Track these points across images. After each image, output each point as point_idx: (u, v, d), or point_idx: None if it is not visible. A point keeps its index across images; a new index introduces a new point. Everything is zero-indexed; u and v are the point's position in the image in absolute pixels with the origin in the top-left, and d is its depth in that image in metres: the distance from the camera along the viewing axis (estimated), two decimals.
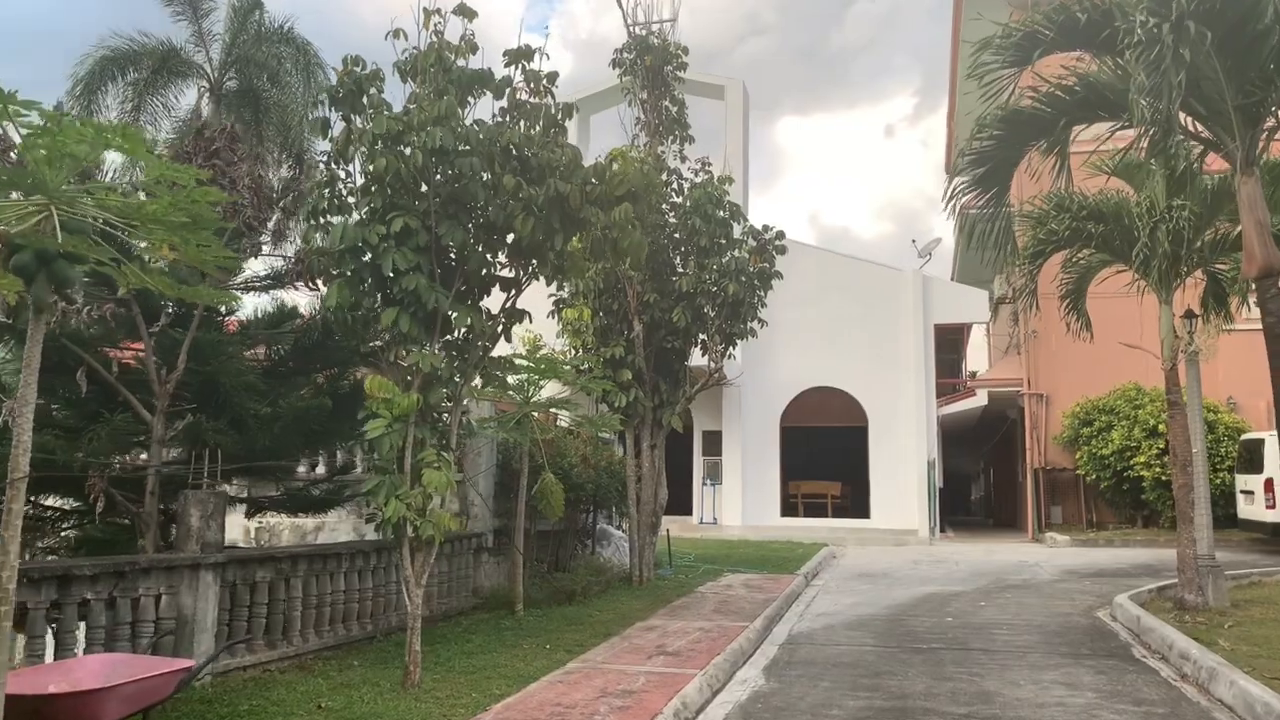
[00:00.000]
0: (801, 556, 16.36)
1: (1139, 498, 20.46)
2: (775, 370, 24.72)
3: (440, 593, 9.54)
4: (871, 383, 24.16)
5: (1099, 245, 10.82)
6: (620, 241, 6.31)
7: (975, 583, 13.39)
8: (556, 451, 10.75)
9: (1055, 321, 23.59)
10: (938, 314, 24.10)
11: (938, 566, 15.88)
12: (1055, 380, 23.14)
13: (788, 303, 25.03)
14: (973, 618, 10.25)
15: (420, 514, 6.29)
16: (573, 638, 8.30)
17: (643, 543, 12.13)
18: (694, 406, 26.14)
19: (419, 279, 6.15)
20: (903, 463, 23.51)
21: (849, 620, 10.10)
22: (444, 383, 6.40)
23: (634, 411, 12.22)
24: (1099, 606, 10.90)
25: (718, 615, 9.70)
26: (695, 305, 11.98)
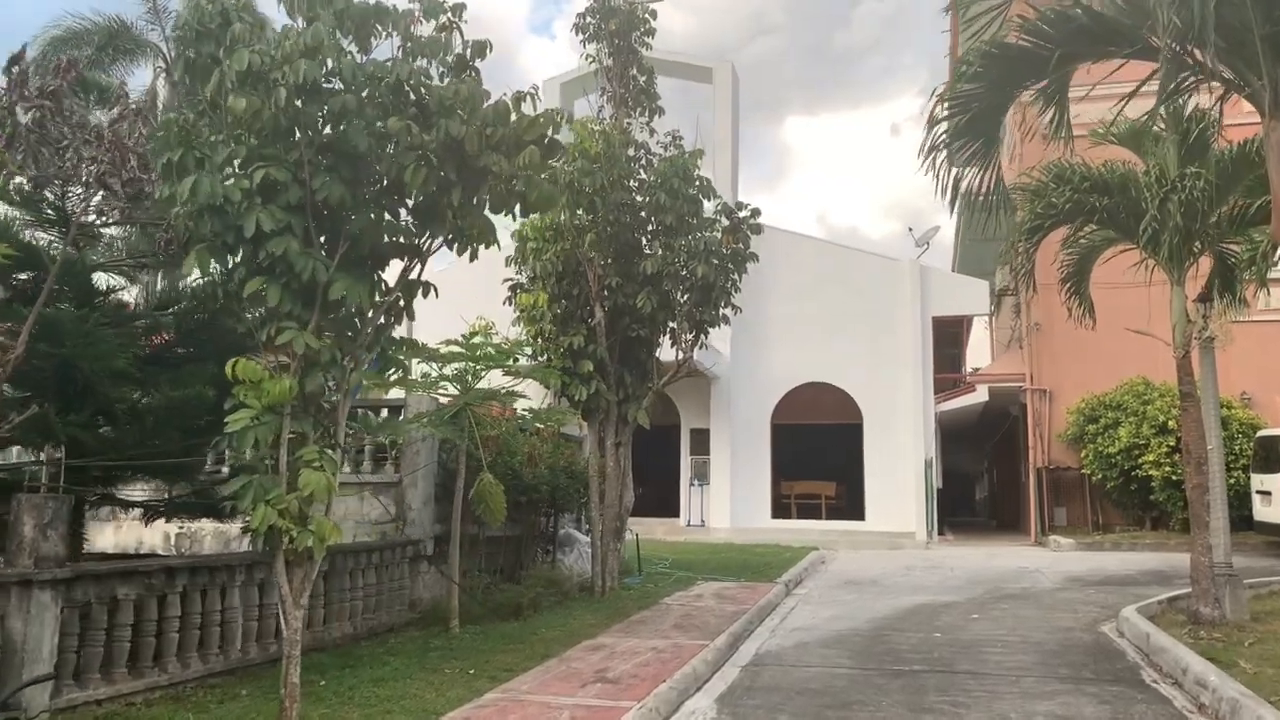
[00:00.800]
0: (787, 562, 15.39)
1: (1148, 498, 19.46)
2: (766, 365, 23.77)
3: (366, 607, 8.59)
4: (867, 378, 23.20)
5: (1103, 220, 9.85)
6: (528, 194, 5.35)
7: (970, 592, 12.41)
8: (504, 450, 9.80)
9: (1059, 314, 22.59)
10: (936, 306, 23.12)
11: (932, 573, 14.90)
12: (1059, 375, 22.14)
13: (779, 295, 24.12)
14: (963, 633, 9.28)
15: (298, 522, 5.34)
16: (505, 660, 7.35)
17: (605, 549, 11.17)
18: (681, 403, 25.23)
19: (289, 242, 5.21)
20: (899, 462, 22.54)
21: (826, 636, 9.14)
22: (325, 367, 5.44)
23: (596, 406, 11.27)
24: (1104, 620, 9.92)
25: (677, 632, 8.74)
26: (662, 289, 11.02)
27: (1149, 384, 20.11)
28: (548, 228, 11.05)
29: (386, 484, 9.65)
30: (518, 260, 11.39)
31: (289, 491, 5.37)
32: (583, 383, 10.98)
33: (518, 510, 10.67)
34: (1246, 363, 18.95)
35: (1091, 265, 11.29)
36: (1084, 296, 11.36)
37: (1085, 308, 11.37)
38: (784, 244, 24.30)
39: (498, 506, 8.21)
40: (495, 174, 5.21)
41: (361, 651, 7.79)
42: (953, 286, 23.37)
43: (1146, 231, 8.95)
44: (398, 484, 9.59)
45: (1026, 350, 22.71)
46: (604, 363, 11.20)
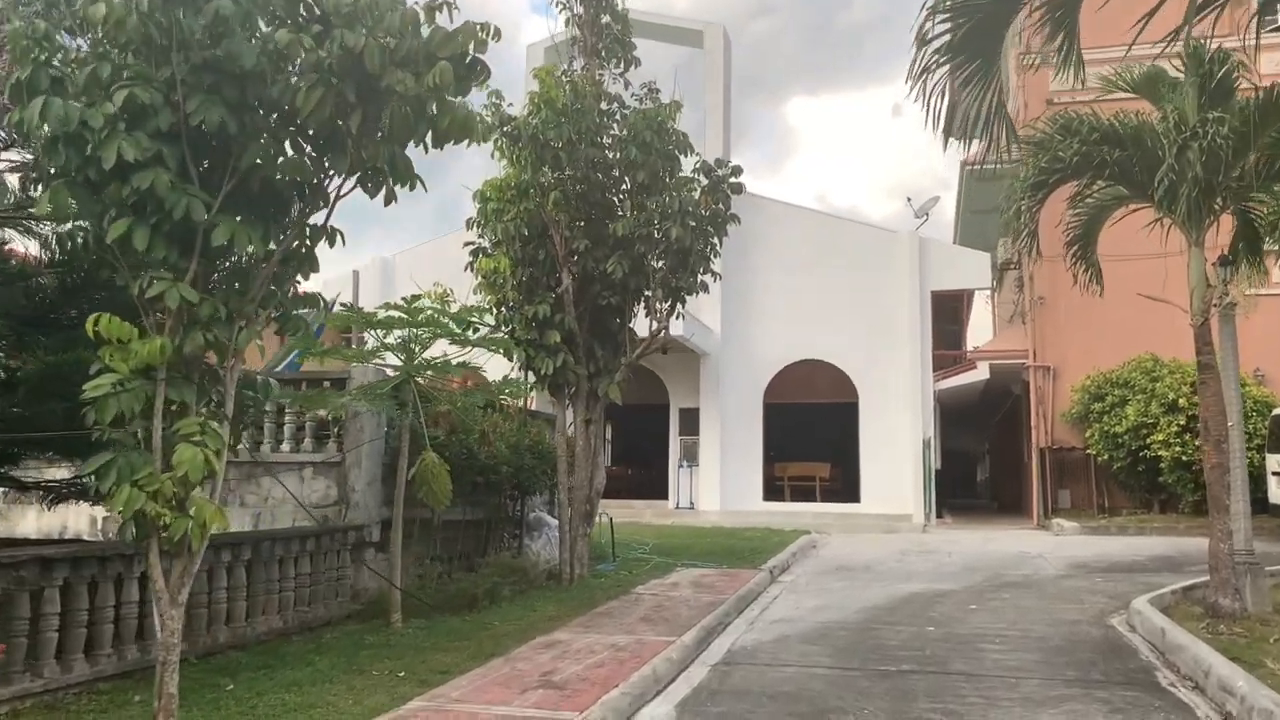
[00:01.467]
0: (775, 546, 14.67)
1: (1156, 480, 18.72)
2: (758, 342, 23.01)
3: (300, 599, 7.85)
4: (863, 355, 22.43)
5: (1114, 175, 9.03)
6: (439, 119, 4.55)
7: (968, 579, 11.68)
8: (459, 427, 9.03)
9: (1064, 287, 21.77)
10: (935, 279, 22.32)
11: (927, 558, 14.18)
12: (1064, 351, 21.37)
13: (771, 268, 23.30)
14: (959, 626, 8.55)
15: (174, 506, 4.57)
16: (443, 661, 6.60)
17: (574, 534, 10.43)
18: (670, 382, 24.47)
19: (158, 175, 4.41)
20: (896, 442, 21.81)
21: (808, 630, 8.40)
22: (207, 325, 4.66)
23: (564, 380, 10.50)
24: (1113, 611, 9.19)
25: (644, 626, 8.00)
26: (634, 254, 10.23)
27: (1158, 360, 19.34)
28: (510, 187, 10.25)
29: (328, 464, 8.89)
30: (479, 223, 10.58)
31: (165, 471, 4.59)
32: (549, 355, 10.21)
33: (476, 493, 9.93)
34: (1261, 338, 18.16)
35: (1100, 227, 10.48)
36: (1091, 262, 10.55)
37: (1093, 274, 10.56)
38: (777, 215, 23.49)
39: (442, 489, 7.45)
40: (400, 95, 4.41)
41: (288, 649, 7.05)
42: (953, 259, 22.56)
43: (1163, 184, 8.14)
44: (340, 464, 8.83)
45: (1029, 326, 21.92)
46: (572, 334, 10.42)
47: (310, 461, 8.93)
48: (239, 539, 7.20)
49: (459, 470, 9.12)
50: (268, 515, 8.93)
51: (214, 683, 6.01)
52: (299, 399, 7.92)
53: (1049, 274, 21.35)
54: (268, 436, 9.18)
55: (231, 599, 7.06)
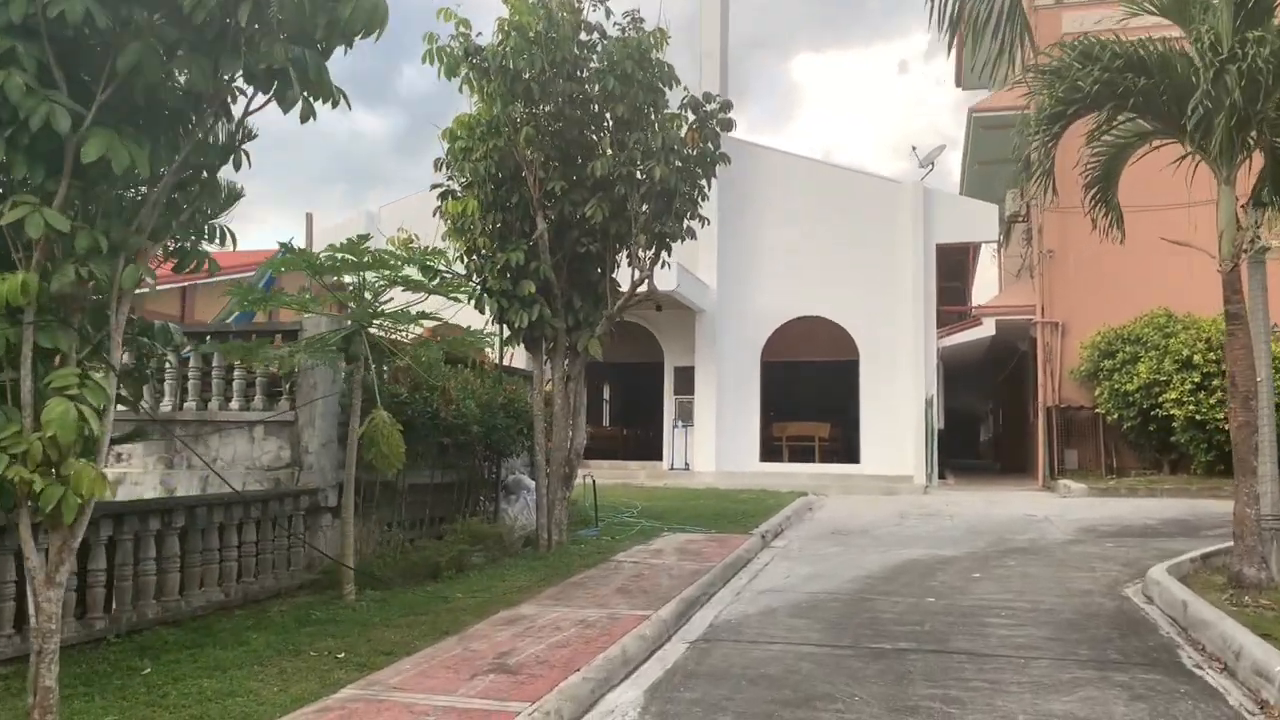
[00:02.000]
0: (769, 509, 14.10)
1: (1167, 440, 18.11)
2: (756, 297, 22.30)
3: (245, 570, 7.26)
4: (864, 312, 21.73)
5: (1138, 105, 8.26)
6: (340, 8, 3.82)
7: (971, 544, 11.10)
8: (423, 383, 8.37)
9: (1074, 240, 21.02)
10: (940, 232, 21.53)
11: (928, 521, 13.60)
12: (1073, 307, 20.67)
13: (770, 220, 22.52)
14: (962, 597, 7.95)
15: (48, 470, 3.93)
16: (391, 639, 6.01)
17: (552, 499, 9.82)
18: (664, 339, 23.80)
19: (9, 76, 3.70)
20: (898, 401, 21.18)
21: (798, 601, 7.81)
22: (81, 259, 3.98)
23: (540, 334, 9.83)
24: (1128, 580, 8.59)
25: (620, 598, 7.40)
26: (614, 196, 9.49)
27: (1171, 316, 18.65)
28: (479, 124, 9.49)
29: (281, 423, 8.25)
30: (448, 163, 9.84)
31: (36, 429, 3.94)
32: (523, 307, 9.52)
33: (446, 455, 9.31)
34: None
35: (1121, 167, 9.72)
36: (1112, 205, 9.82)
37: (1113, 218, 9.84)
38: (776, 166, 22.67)
39: (394, 450, 6.81)
40: None
41: (225, 625, 6.46)
42: (959, 211, 21.75)
43: (1195, 113, 7.38)
44: (293, 423, 8.19)
45: (1037, 280, 21.20)
46: (549, 284, 9.73)
47: (261, 420, 8.30)
48: (169, 505, 6.58)
49: (422, 431, 8.50)
50: (217, 478, 8.31)
51: (130, 665, 5.42)
52: (229, 350, 7.25)
53: (1058, 226, 20.62)
54: (216, 393, 8.54)
55: (163, 570, 6.46)
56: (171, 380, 8.64)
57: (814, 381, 23.76)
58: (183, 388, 8.64)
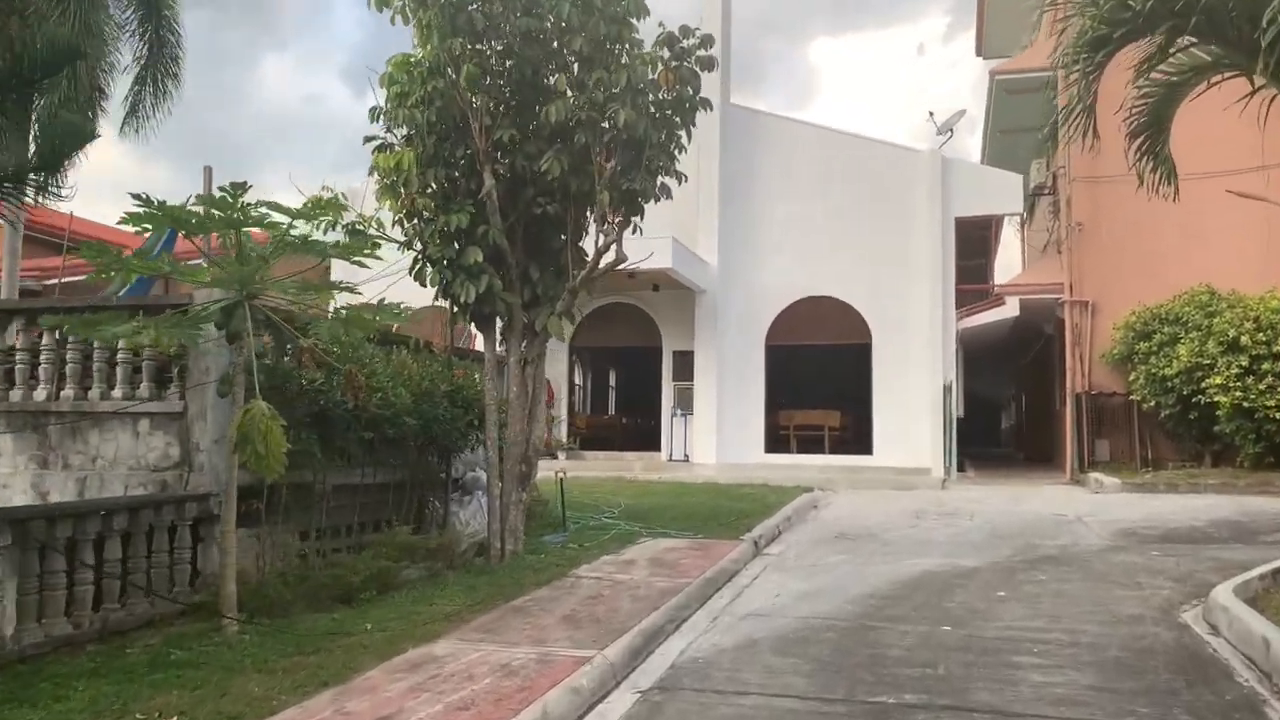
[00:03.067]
0: (769, 507, 12.81)
1: (1210, 429, 16.65)
2: (759, 276, 20.95)
3: (107, 595, 6.02)
4: (878, 291, 20.36)
5: (1200, 28, 6.87)
6: None
7: (994, 552, 9.76)
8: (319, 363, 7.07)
9: (1106, 211, 19.54)
10: (960, 205, 20.09)
11: (947, 522, 12.26)
12: (1104, 284, 19.20)
13: (775, 193, 21.13)
14: (984, 625, 6.63)
15: None
16: (253, 692, 4.75)
17: (506, 502, 8.55)
18: (662, 322, 22.46)
19: None
20: (914, 387, 19.82)
21: (786, 631, 6.51)
22: None
23: (491, 310, 8.53)
24: (1184, 601, 7.25)
25: (564, 629, 6.12)
26: (575, 147, 8.16)
27: (1214, 293, 17.19)
28: (417, 64, 8.18)
29: (169, 414, 6.99)
30: (386, 113, 8.53)
31: None
32: (470, 278, 8.23)
33: (378, 451, 8.04)
34: None
35: (1174, 111, 8.31)
36: (1162, 158, 8.41)
37: (1164, 173, 8.44)
38: (782, 134, 21.28)
39: (273, 450, 5.53)
40: None
41: (59, 670, 5.21)
42: (979, 182, 20.28)
43: (1274, 26, 5.99)
44: (182, 415, 6.93)
45: (1065, 256, 19.72)
46: (500, 252, 8.42)
47: (147, 412, 7.04)
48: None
49: (340, 424, 7.23)
50: (96, 480, 7.08)
51: None
52: (65, 325, 5.99)
53: (1089, 197, 19.17)
54: (98, 379, 7.29)
55: None
56: (48, 364, 7.40)
57: (823, 366, 22.42)
58: (60, 373, 7.40)
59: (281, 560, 6.99)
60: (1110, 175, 18.64)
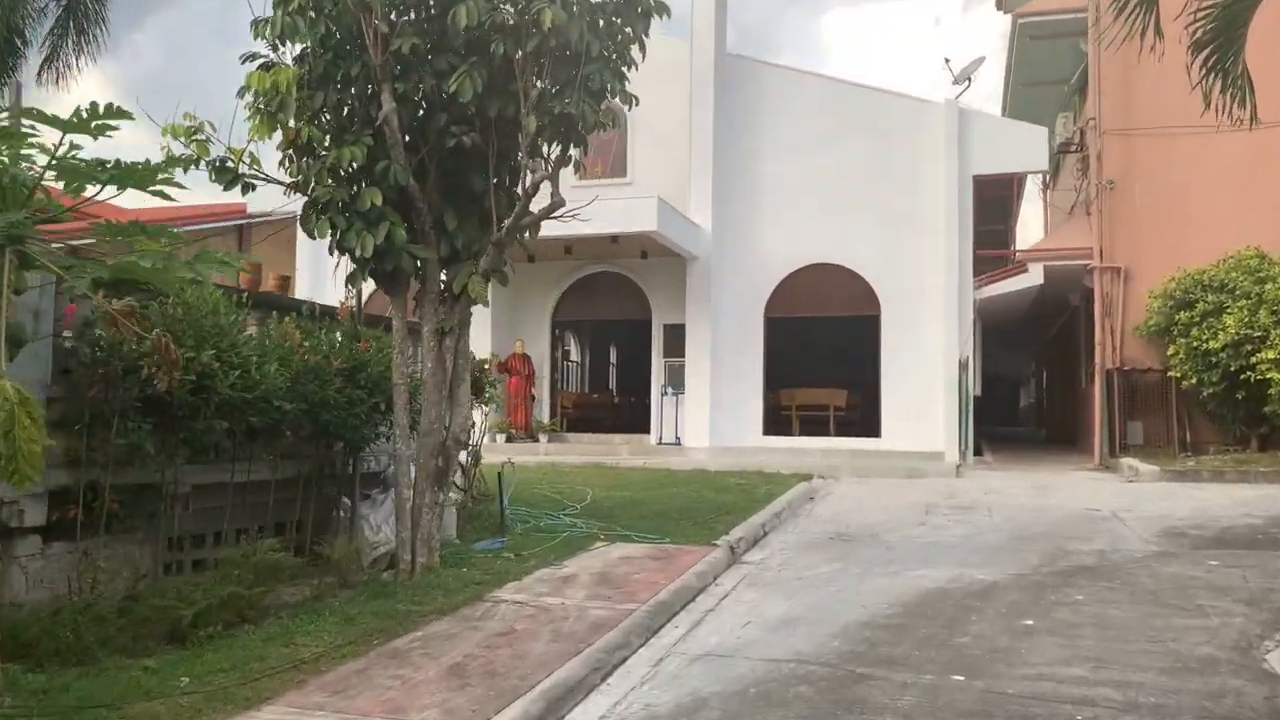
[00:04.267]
0: (759, 500, 11.33)
1: (1259, 410, 15.05)
2: (757, 242, 19.37)
3: None
4: (887, 257, 18.76)
5: None
6: None
7: (1017, 559, 8.23)
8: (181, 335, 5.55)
9: (1142, 167, 17.81)
10: (979, 161, 18.43)
11: (961, 519, 10.72)
12: (1139, 248, 17.55)
13: (776, 151, 19.48)
14: (1008, 671, 5.10)
15: None
16: None
17: (419, 504, 7.04)
18: (650, 291, 20.83)
19: None
20: (926, 363, 18.25)
21: (748, 681, 4.99)
22: None
23: (397, 267, 6.98)
24: (1264, 634, 5.70)
25: (445, 686, 4.62)
26: (493, 62, 6.59)
27: (1264, 257, 15.54)
28: None
29: None
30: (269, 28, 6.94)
31: None
32: (368, 226, 6.68)
33: (250, 444, 6.53)
34: None
35: (1248, 17, 6.68)
36: (1235, 71, 6.78)
37: (1237, 91, 6.80)
38: (782, 84, 19.60)
39: (25, 448, 4.01)
40: None
41: None
42: (1000, 136, 18.58)
43: None
44: None
45: (1095, 218, 18.03)
46: (407, 194, 6.87)
47: None
48: None
49: (184, 410, 5.72)
50: None
51: None
52: None
53: (1122, 151, 17.47)
54: None
55: None
56: None
57: (828, 341, 20.85)
58: None
59: (103, 583, 5.49)
60: (1146, 127, 17.02)
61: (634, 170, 20.19)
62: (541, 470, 14.95)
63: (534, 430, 20.29)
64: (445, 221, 7.02)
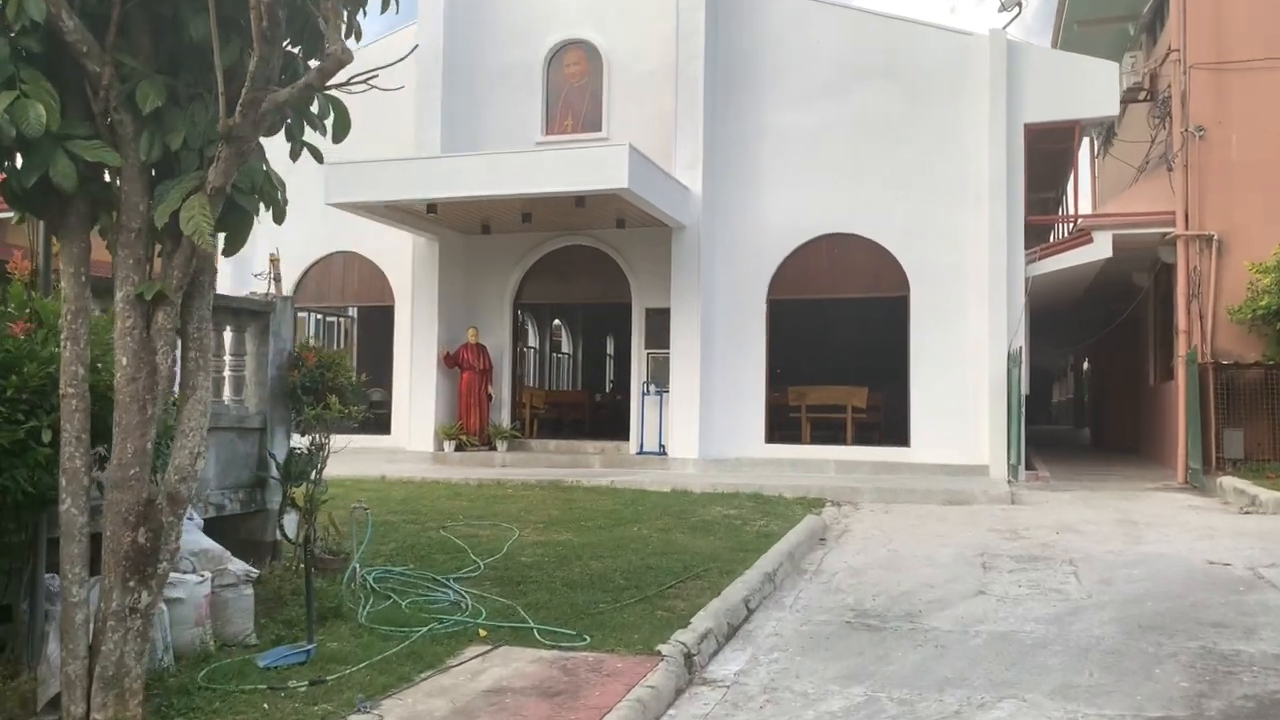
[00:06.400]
0: (746, 550, 8.24)
1: None
2: (759, 208, 16.25)
3: None
4: (917, 227, 15.62)
5: None
6: None
7: (1152, 679, 5.07)
8: None
9: (1241, 108, 14.40)
10: (1032, 107, 15.27)
11: (1036, 583, 7.53)
12: (1237, 212, 14.34)
13: (782, 99, 16.28)
14: None
15: None
16: None
17: (106, 609, 3.92)
18: (632, 270, 17.57)
19: None
20: (966, 355, 15.14)
21: None
22: None
23: (41, 176, 3.82)
24: None
25: None
26: None
27: None
28: None
29: None
30: None
31: None
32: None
33: None
34: None
35: None
36: None
37: None
38: (790, 17, 16.41)
39: None
40: None
41: None
42: (1059, 74, 15.36)
43: None
44: None
45: (1179, 175, 14.76)
46: (70, 50, 3.75)
47: None
48: None
49: None
50: None
51: None
52: None
53: (1214, 90, 14.24)
54: None
55: None
56: None
57: (844, 328, 17.77)
58: None
59: None
60: (1245, 60, 13.73)
61: (610, 125, 17.04)
62: (474, 496, 11.88)
63: (490, 437, 17.20)
64: (142, 98, 3.88)
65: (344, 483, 13.46)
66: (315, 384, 6.79)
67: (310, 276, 19.00)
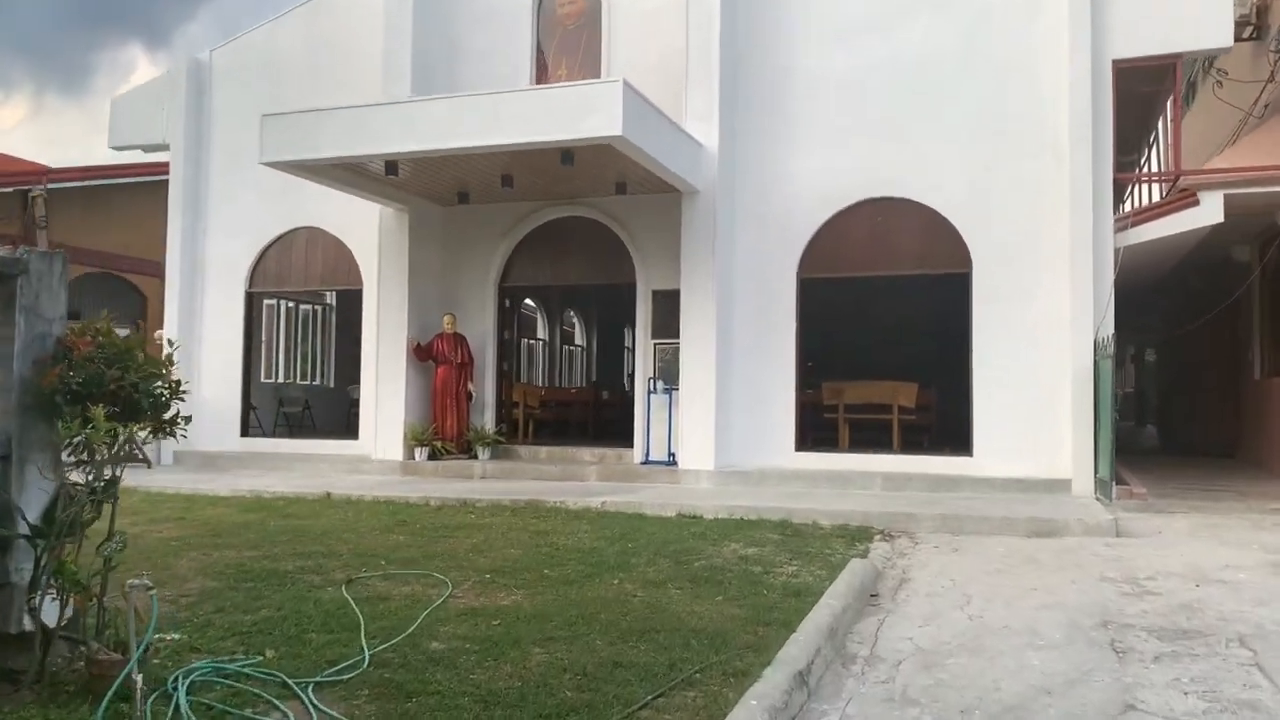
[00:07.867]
0: (766, 619, 5.79)
1: None
2: (789, 167, 13.78)
3: None
4: (980, 189, 13.09)
5: None
6: None
7: None
8: None
9: None
10: (1121, 40, 12.68)
11: (1196, 677, 5.01)
12: None
13: (814, 38, 13.75)
14: None
15: None
16: None
17: None
18: (636, 245, 14.76)
19: None
20: (1042, 344, 12.59)
21: None
22: None
23: None
24: None
25: None
26: None
27: None
28: None
29: None
30: None
31: None
32: None
33: None
34: None
35: None
36: None
37: None
38: None
39: None
40: None
41: None
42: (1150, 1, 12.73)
43: None
44: None
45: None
46: None
47: None
48: None
49: None
50: None
51: None
52: None
53: None
54: None
55: None
56: None
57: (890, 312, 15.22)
58: None
59: None
60: None
61: (612, 73, 14.60)
62: (421, 526, 9.54)
63: (470, 443, 14.85)
64: None
65: (276, 503, 11.18)
66: (92, 387, 4.43)
67: (269, 257, 16.74)
